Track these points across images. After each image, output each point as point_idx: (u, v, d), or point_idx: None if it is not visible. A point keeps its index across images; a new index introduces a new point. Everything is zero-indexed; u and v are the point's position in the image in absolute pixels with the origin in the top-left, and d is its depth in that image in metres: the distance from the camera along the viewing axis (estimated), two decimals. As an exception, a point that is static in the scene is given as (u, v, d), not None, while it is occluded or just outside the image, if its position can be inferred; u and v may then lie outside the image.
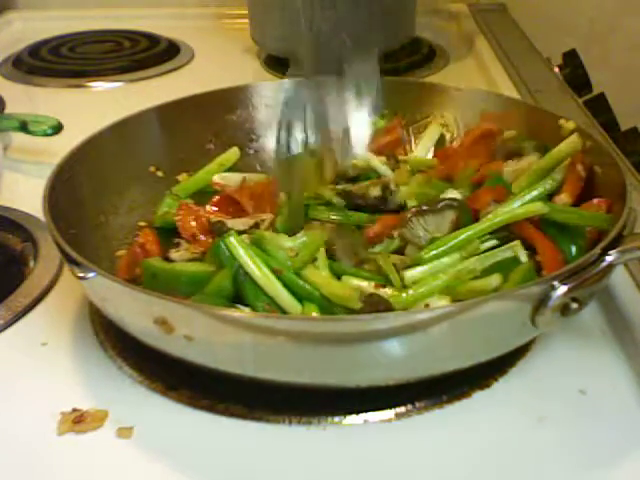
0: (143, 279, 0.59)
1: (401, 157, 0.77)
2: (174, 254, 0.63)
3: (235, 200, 0.70)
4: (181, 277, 0.58)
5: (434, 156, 0.78)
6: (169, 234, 0.68)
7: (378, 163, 0.76)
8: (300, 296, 0.56)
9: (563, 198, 0.63)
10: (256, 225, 0.65)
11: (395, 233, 0.63)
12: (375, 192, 0.71)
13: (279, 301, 0.55)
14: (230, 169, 0.77)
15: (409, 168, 0.74)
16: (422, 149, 0.80)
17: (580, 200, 0.64)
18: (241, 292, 0.56)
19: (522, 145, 0.72)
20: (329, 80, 0.70)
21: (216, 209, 0.70)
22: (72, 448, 0.50)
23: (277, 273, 0.56)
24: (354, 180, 0.74)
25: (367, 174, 0.74)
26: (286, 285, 0.55)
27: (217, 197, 0.71)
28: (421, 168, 0.75)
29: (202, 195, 0.73)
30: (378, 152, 0.77)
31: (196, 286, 0.57)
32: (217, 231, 0.63)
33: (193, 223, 0.67)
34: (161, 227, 0.69)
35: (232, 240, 0.57)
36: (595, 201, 0.62)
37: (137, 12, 1.49)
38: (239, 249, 0.56)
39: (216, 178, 0.75)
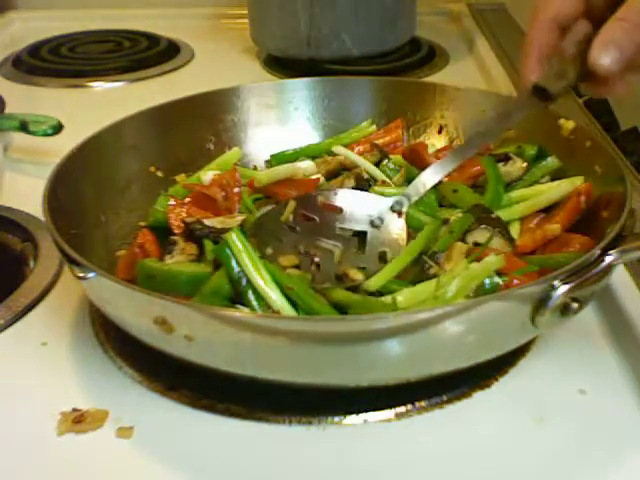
0: (138, 280, 0.59)
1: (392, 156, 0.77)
2: (168, 260, 0.63)
3: (208, 196, 0.70)
4: (178, 278, 0.58)
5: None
6: (168, 234, 0.67)
7: (356, 156, 0.76)
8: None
9: (554, 229, 0.63)
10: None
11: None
12: (349, 184, 0.71)
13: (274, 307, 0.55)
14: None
15: (392, 166, 0.75)
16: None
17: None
18: (242, 297, 0.56)
19: (522, 146, 0.72)
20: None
21: (193, 207, 0.70)
22: (72, 448, 0.50)
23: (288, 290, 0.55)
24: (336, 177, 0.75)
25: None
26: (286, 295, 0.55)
27: (191, 195, 0.71)
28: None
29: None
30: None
31: (193, 287, 0.57)
32: (196, 231, 0.63)
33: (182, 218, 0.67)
34: (157, 227, 0.69)
35: (234, 238, 0.56)
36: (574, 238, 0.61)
37: (137, 12, 1.50)
38: (240, 248, 0.56)
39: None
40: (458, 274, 0.55)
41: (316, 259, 0.61)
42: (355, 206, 0.67)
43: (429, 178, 0.67)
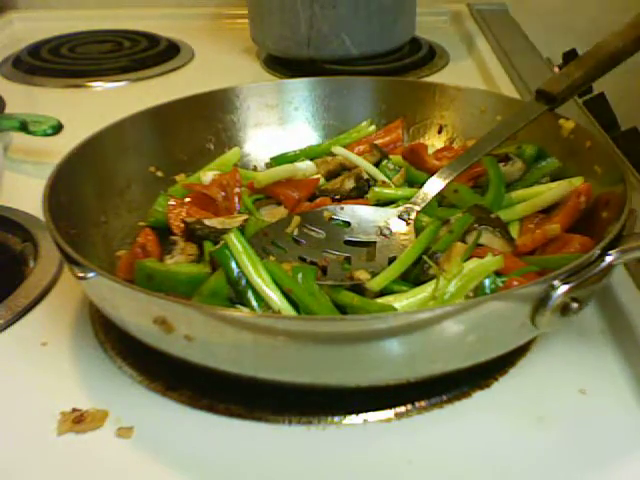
0: (136, 280, 0.59)
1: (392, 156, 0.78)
2: (168, 260, 0.63)
3: (208, 196, 0.70)
4: (176, 278, 0.58)
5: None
6: (168, 234, 0.67)
7: (356, 157, 0.76)
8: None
9: (554, 229, 0.62)
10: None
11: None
12: (349, 184, 0.71)
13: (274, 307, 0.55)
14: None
15: (392, 166, 0.75)
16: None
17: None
18: (241, 298, 0.56)
19: (522, 146, 0.72)
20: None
21: (193, 207, 0.69)
22: (72, 448, 0.50)
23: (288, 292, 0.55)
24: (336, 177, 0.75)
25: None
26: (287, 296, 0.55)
27: (191, 195, 0.71)
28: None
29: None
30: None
31: (192, 287, 0.57)
32: (196, 231, 0.63)
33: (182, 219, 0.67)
34: (157, 227, 0.69)
35: (233, 239, 0.56)
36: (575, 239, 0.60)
37: (137, 12, 1.50)
38: (239, 249, 0.56)
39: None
40: (454, 275, 0.55)
41: (323, 264, 0.61)
42: (362, 219, 0.67)
43: (435, 185, 0.67)
